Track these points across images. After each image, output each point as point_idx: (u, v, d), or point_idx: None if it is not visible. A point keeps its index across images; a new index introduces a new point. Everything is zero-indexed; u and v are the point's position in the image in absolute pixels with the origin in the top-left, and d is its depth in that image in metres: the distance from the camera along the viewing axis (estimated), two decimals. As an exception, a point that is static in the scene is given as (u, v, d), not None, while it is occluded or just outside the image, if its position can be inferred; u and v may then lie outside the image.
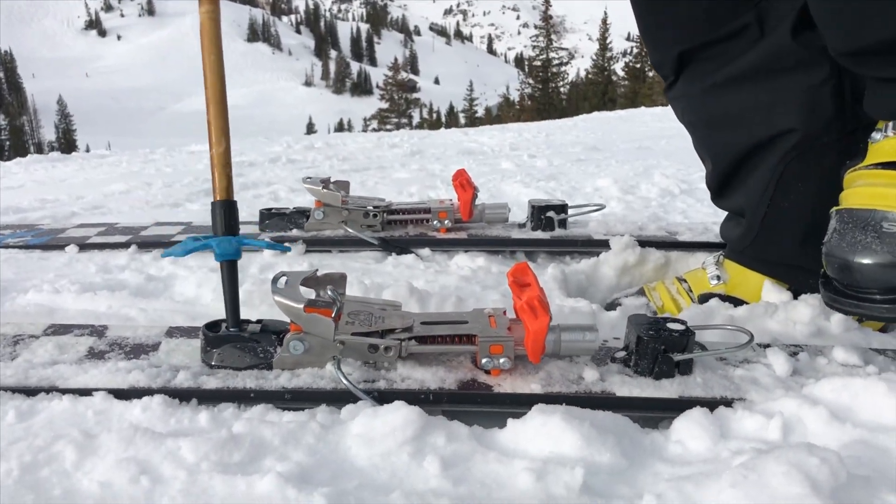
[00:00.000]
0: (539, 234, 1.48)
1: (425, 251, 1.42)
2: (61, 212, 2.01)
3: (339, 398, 0.78)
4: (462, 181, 1.52)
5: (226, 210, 0.90)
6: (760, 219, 1.09)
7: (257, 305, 1.11)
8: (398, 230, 1.52)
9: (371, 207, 1.51)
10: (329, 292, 0.85)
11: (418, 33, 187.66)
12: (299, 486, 0.62)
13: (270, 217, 1.54)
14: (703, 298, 1.11)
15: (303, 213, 1.54)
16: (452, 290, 1.20)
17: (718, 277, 1.12)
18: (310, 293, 0.86)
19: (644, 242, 1.37)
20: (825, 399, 0.77)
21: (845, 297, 0.86)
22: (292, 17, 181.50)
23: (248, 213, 1.96)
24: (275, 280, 0.83)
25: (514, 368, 0.83)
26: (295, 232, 1.51)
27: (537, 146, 4.17)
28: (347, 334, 0.81)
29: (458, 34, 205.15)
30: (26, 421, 0.73)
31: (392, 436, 0.69)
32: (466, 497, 0.63)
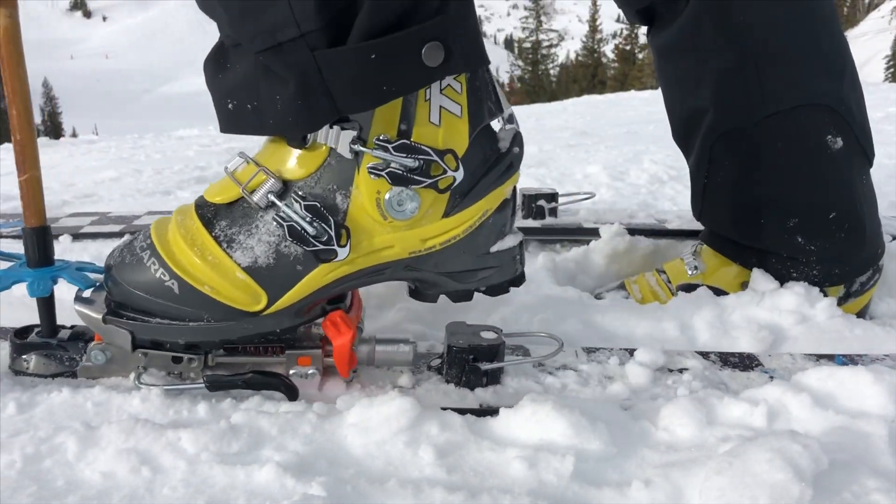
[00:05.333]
0: (529, 223, 1.49)
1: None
2: (53, 200, 2.01)
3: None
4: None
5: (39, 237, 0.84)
6: (701, 189, 1.13)
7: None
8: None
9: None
10: None
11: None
12: (297, 475, 0.64)
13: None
14: (683, 289, 1.12)
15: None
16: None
17: (696, 267, 1.14)
18: None
19: (633, 230, 1.39)
20: (811, 387, 0.79)
21: None
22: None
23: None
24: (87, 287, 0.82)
25: (326, 378, 0.83)
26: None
27: (527, 131, 4.15)
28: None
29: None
30: (27, 412, 0.74)
31: (387, 425, 0.71)
32: (460, 484, 0.65)
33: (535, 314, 1.04)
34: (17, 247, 1.41)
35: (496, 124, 0.80)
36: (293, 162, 0.75)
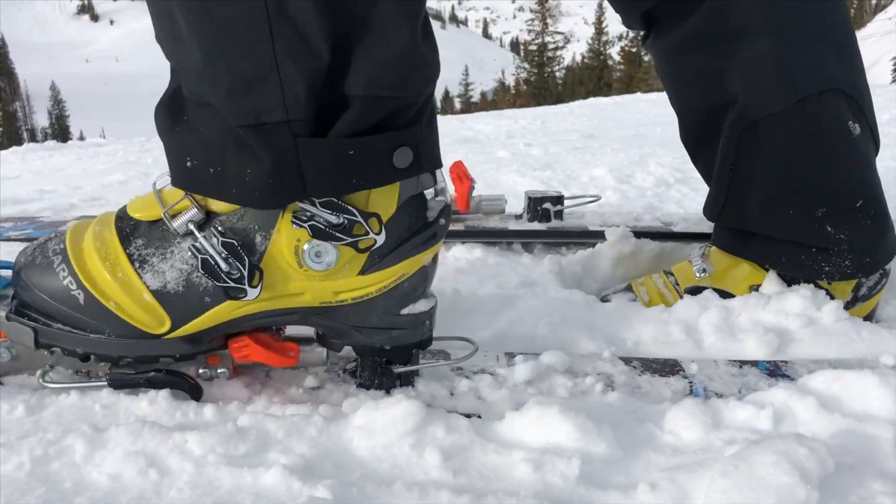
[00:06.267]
0: (535, 226, 1.49)
1: (423, 242, 1.43)
2: (60, 203, 2.02)
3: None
4: (459, 173, 1.54)
5: None
6: (726, 185, 1.11)
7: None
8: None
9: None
10: None
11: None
12: (304, 478, 0.64)
13: None
14: (690, 291, 1.12)
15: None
16: (449, 281, 1.22)
17: (704, 270, 1.13)
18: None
19: (639, 233, 1.39)
20: (816, 390, 0.79)
21: None
22: None
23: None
24: None
25: (235, 376, 0.83)
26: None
27: (533, 134, 4.18)
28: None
29: (454, 18, 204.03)
30: (35, 415, 0.75)
31: (393, 428, 0.71)
32: (466, 487, 0.65)
33: (540, 317, 1.04)
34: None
35: (429, 193, 0.81)
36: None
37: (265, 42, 0.66)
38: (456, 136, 4.03)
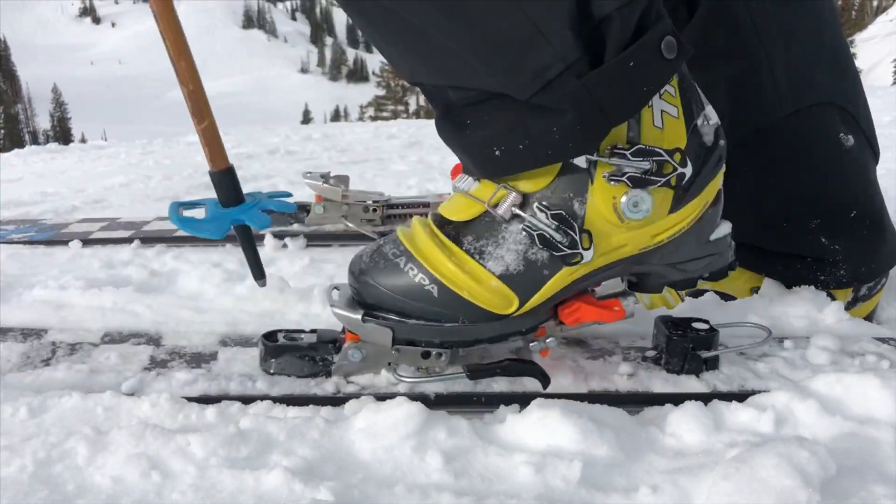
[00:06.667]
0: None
1: (424, 245, 1.44)
2: (63, 206, 2.02)
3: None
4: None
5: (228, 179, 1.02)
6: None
7: (260, 301, 1.12)
8: (398, 224, 1.53)
9: (371, 202, 1.52)
10: None
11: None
12: (305, 480, 0.64)
13: (271, 212, 1.55)
14: (692, 295, 1.12)
15: (303, 208, 1.55)
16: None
17: None
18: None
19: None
20: (818, 392, 0.79)
21: None
22: (287, 3, 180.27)
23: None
24: (328, 293, 0.88)
25: (556, 365, 0.87)
26: (296, 226, 1.53)
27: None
28: None
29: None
30: (38, 417, 0.75)
31: (395, 430, 0.71)
32: (467, 490, 0.65)
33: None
34: (25, 251, 1.42)
35: (698, 123, 0.85)
36: (527, 176, 0.81)
37: (516, 11, 0.71)
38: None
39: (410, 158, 3.12)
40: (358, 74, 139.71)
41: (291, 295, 1.13)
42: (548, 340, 0.87)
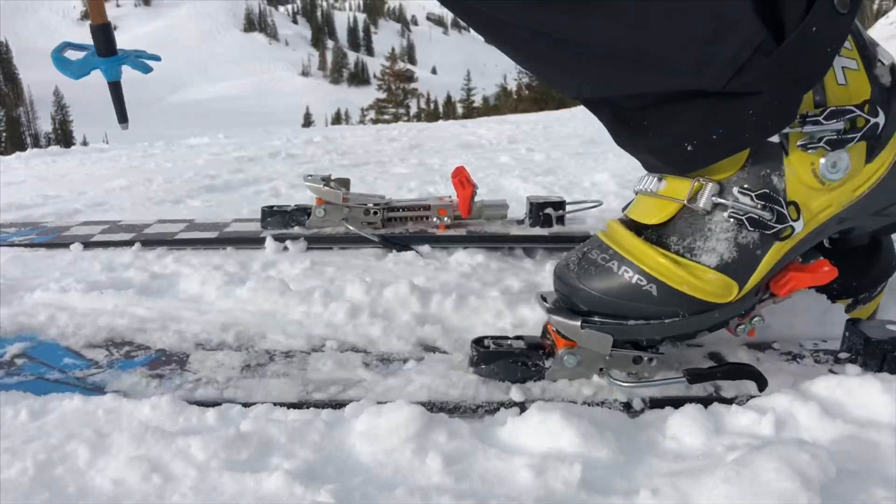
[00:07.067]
0: (537, 231, 1.49)
1: (425, 248, 1.44)
2: (64, 208, 2.02)
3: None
4: (461, 178, 1.54)
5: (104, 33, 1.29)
6: None
7: (261, 303, 1.12)
8: (398, 227, 1.54)
9: (371, 205, 1.53)
10: None
11: (416, 23, 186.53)
12: (306, 483, 0.64)
13: (272, 214, 1.55)
14: None
15: (304, 211, 1.55)
16: (453, 286, 1.22)
17: None
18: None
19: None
20: (818, 395, 0.79)
21: None
22: (289, 6, 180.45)
23: (249, 210, 1.98)
24: (538, 300, 0.90)
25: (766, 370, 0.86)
26: (297, 229, 1.53)
27: (535, 139, 4.18)
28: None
29: (456, 23, 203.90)
30: (39, 420, 0.75)
31: (395, 433, 0.71)
32: (468, 493, 0.65)
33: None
34: (26, 254, 1.42)
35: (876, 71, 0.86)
36: (719, 163, 0.82)
37: (697, 10, 0.71)
38: (458, 142, 4.03)
39: (411, 161, 3.12)
40: (359, 77, 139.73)
41: (292, 297, 1.13)
42: (754, 320, 0.87)
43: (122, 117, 1.44)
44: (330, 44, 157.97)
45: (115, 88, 1.41)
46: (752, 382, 0.82)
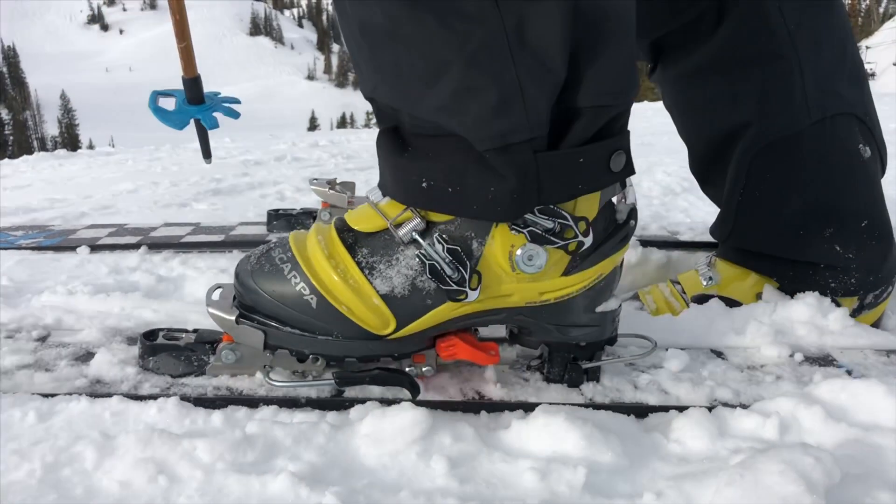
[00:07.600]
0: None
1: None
2: (71, 212, 2.03)
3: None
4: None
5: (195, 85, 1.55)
6: (735, 208, 1.12)
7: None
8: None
9: (376, 208, 1.53)
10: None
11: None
12: (311, 485, 0.64)
13: (278, 218, 1.56)
14: (697, 300, 1.12)
15: (310, 214, 1.56)
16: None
17: (711, 278, 1.13)
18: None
19: (645, 242, 1.39)
20: (822, 399, 0.79)
21: None
22: (294, 10, 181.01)
23: (255, 213, 1.98)
24: (209, 292, 0.87)
25: (438, 375, 0.87)
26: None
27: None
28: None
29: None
30: (46, 422, 0.76)
31: (400, 436, 0.72)
32: (472, 495, 0.65)
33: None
34: (33, 257, 1.43)
35: (615, 199, 0.86)
36: None
37: (508, 70, 0.72)
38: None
39: (416, 165, 3.12)
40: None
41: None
42: (424, 369, 0.86)
43: (207, 153, 1.71)
44: (335, 47, 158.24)
45: (204, 131, 1.64)
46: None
